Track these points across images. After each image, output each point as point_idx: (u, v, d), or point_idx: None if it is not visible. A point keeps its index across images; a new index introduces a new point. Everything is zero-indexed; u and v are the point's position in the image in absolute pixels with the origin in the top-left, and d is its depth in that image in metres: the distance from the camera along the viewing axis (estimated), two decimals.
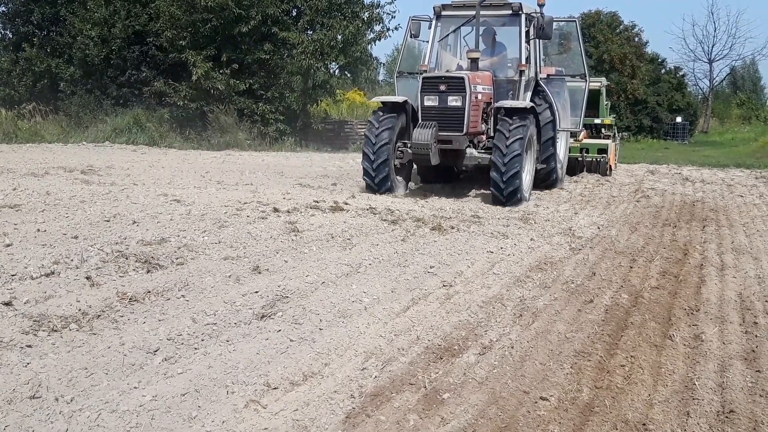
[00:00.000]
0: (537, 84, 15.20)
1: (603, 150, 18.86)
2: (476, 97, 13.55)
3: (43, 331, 5.47)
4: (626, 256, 9.30)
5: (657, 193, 16.34)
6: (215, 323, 5.90)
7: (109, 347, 5.24)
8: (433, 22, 15.15)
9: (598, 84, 19.54)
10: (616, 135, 21.02)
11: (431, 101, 13.46)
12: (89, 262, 7.20)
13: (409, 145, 13.67)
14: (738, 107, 58.35)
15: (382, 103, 14.50)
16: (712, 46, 59.15)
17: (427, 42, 15.17)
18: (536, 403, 4.72)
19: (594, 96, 18.70)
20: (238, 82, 25.16)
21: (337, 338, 5.66)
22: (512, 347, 5.66)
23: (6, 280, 6.51)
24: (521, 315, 6.56)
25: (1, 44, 29.44)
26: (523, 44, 14.48)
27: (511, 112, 13.58)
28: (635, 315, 6.69)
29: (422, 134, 13.20)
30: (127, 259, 7.42)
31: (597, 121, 19.66)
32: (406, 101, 14.02)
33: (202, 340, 5.54)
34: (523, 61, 14.48)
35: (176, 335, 5.58)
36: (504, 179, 12.86)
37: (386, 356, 5.37)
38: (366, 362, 5.22)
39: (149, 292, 6.53)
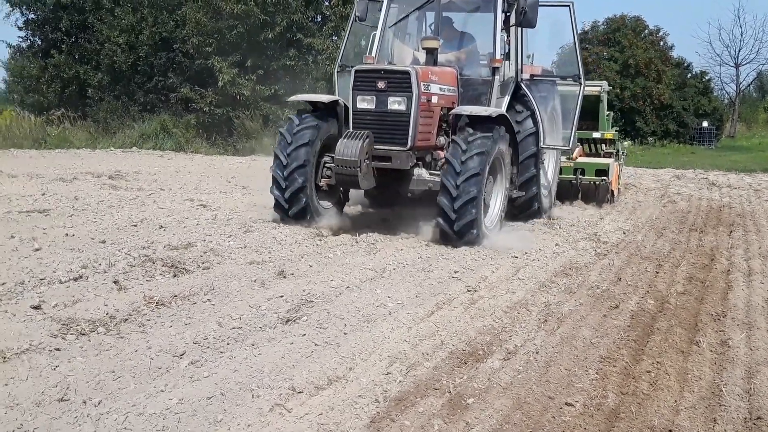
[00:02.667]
0: (518, 87, 11.65)
1: (603, 171, 14.41)
2: (429, 100, 10.00)
3: (72, 334, 5.53)
4: (652, 261, 9.23)
5: (683, 198, 16.23)
6: (241, 327, 5.93)
7: (136, 351, 5.29)
8: (385, 1, 11.82)
9: (598, 89, 16.04)
10: (620, 152, 16.56)
11: (366, 103, 9.95)
12: (117, 267, 7.28)
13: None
14: (765, 111, 57.71)
15: (311, 103, 10.85)
16: (739, 50, 58.78)
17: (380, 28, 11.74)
18: (561, 408, 4.69)
19: (592, 104, 15.50)
20: (263, 88, 25.30)
21: (362, 343, 5.66)
22: (537, 352, 5.64)
23: (35, 284, 6.59)
24: (546, 320, 6.53)
25: (30, 51, 29.79)
26: (499, 33, 11.08)
27: (475, 120, 10.15)
28: (661, 321, 6.64)
29: (349, 147, 9.57)
30: (153, 263, 7.49)
31: (596, 135, 15.90)
32: (337, 102, 10.62)
33: (228, 344, 5.58)
34: (497, 56, 11.02)
35: (202, 339, 5.62)
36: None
37: (410, 361, 5.36)
38: (390, 367, 5.22)
39: (176, 296, 6.59)
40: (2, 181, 13.57)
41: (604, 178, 14.32)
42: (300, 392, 4.71)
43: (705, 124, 42.84)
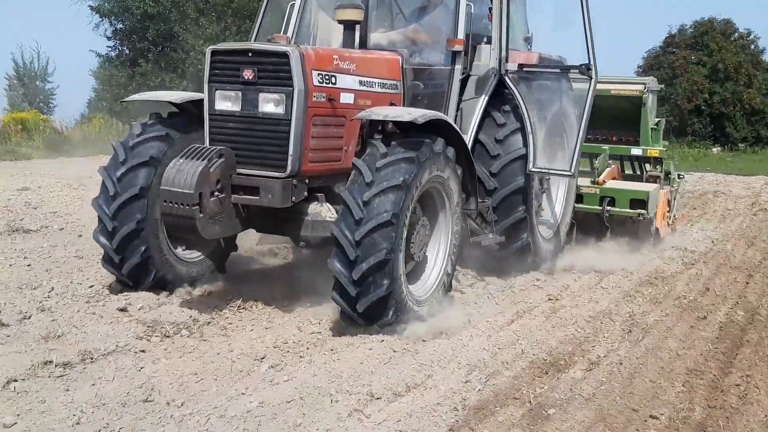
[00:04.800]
0: (500, 82, 8.17)
1: (640, 203, 9.90)
2: (333, 99, 6.51)
3: (156, 336, 5.66)
4: (742, 271, 8.96)
5: None
6: (320, 332, 5.97)
7: (218, 353, 5.38)
8: None
9: (640, 87, 11.44)
10: (673, 175, 11.67)
11: (228, 102, 6.45)
12: None
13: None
14: None
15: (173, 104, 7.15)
16: None
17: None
18: (646, 421, 4.58)
19: (632, 108, 11.36)
20: None
21: (440, 350, 5.63)
22: (621, 363, 5.52)
23: (121, 287, 6.76)
24: (630, 331, 6.39)
25: (118, 60, 30.76)
26: (463, 1, 7.73)
27: (402, 128, 6.52)
28: (751, 332, 6.44)
29: (182, 174, 6.09)
30: None
31: (635, 151, 11.34)
32: (192, 102, 6.96)
33: (308, 349, 5.62)
34: (459, 34, 7.61)
35: (282, 343, 5.69)
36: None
37: (490, 369, 5.31)
38: (469, 375, 5.17)
39: (257, 300, 6.67)
40: (94, 186, 13.96)
41: (642, 211, 9.79)
42: (378, 398, 4.71)
43: None
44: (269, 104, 6.29)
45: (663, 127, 12.26)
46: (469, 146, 7.58)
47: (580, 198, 9.85)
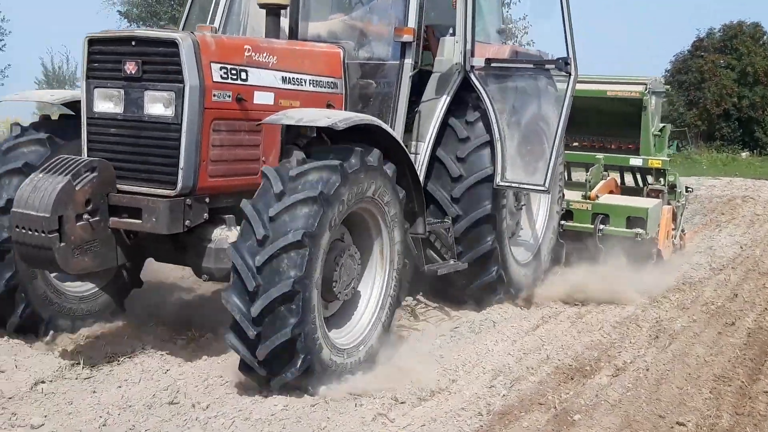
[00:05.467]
0: (466, 81, 6.83)
1: (638, 220, 8.57)
2: (240, 100, 5.30)
3: (182, 339, 5.69)
4: None
5: None
6: None
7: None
8: None
9: (639, 89, 9.99)
10: (680, 189, 10.00)
11: (108, 102, 5.23)
12: None
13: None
14: None
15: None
16: None
17: None
18: (672, 428, 4.54)
19: (631, 112, 9.98)
20: None
21: (465, 355, 5.62)
22: (647, 369, 5.48)
23: (148, 288, 6.80)
24: (657, 336, 6.35)
25: None
26: None
27: (331, 136, 5.43)
28: None
29: (38, 192, 4.86)
30: None
31: (635, 161, 9.91)
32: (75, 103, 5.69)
33: None
34: (409, 23, 6.30)
35: None
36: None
37: (515, 375, 5.29)
38: (494, 380, 5.16)
39: None
40: None
41: (640, 231, 8.37)
42: (402, 402, 4.71)
43: None
44: (156, 105, 5.02)
45: (669, 134, 10.90)
46: (424, 160, 6.59)
47: (569, 215, 8.64)
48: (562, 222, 8.43)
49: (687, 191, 10.50)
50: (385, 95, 6.25)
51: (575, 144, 10.30)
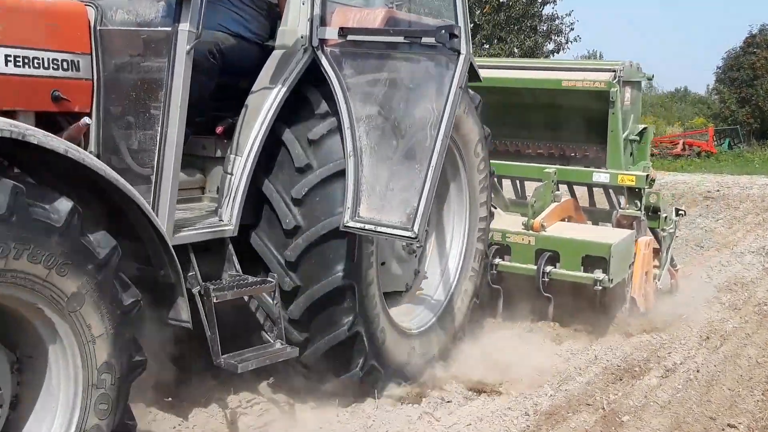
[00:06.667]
0: (315, 65, 4.39)
1: (598, 261, 6.14)
2: None
3: None
4: None
5: None
6: None
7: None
8: None
9: (605, 77, 7.51)
10: (666, 213, 7.27)
11: None
12: None
13: None
14: None
15: None
16: None
17: None
18: (723, 430, 4.49)
19: (598, 109, 7.54)
20: None
21: (512, 354, 5.59)
22: (698, 371, 5.40)
23: None
24: (708, 338, 6.25)
25: None
26: None
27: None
28: None
29: None
30: None
31: (599, 177, 7.03)
32: None
33: None
34: None
35: None
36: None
37: (562, 375, 5.26)
38: (541, 380, 5.13)
39: None
40: None
41: (599, 277, 6.02)
42: (449, 402, 4.71)
43: None
44: None
45: (651, 139, 8.25)
46: (238, 191, 4.18)
47: (506, 250, 6.37)
48: (497, 261, 6.32)
49: (677, 215, 7.63)
50: (155, 84, 3.84)
51: (529, 152, 7.93)
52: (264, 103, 4.28)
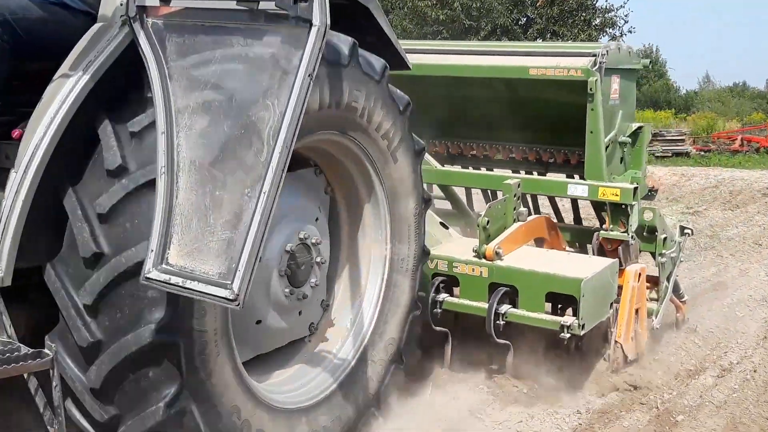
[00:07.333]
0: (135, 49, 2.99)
1: (566, 300, 4.76)
2: None
3: None
4: None
5: None
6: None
7: None
8: None
9: (582, 63, 5.43)
10: (664, 235, 5.51)
11: None
12: None
13: None
14: None
15: None
16: None
17: None
18: None
19: (575, 103, 5.44)
20: None
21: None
22: (755, 371, 5.29)
23: None
24: (766, 337, 6.11)
25: None
26: None
27: None
28: None
29: None
30: None
31: (574, 189, 5.36)
32: None
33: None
34: None
35: None
36: None
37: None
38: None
39: None
40: None
41: (568, 322, 4.56)
42: (499, 398, 4.68)
43: None
44: None
45: (647, 142, 6.21)
46: (16, 202, 3.00)
47: (455, 282, 4.97)
48: (441, 296, 4.89)
49: (683, 234, 6.03)
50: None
51: (499, 157, 6.35)
52: (58, 93, 3.05)
